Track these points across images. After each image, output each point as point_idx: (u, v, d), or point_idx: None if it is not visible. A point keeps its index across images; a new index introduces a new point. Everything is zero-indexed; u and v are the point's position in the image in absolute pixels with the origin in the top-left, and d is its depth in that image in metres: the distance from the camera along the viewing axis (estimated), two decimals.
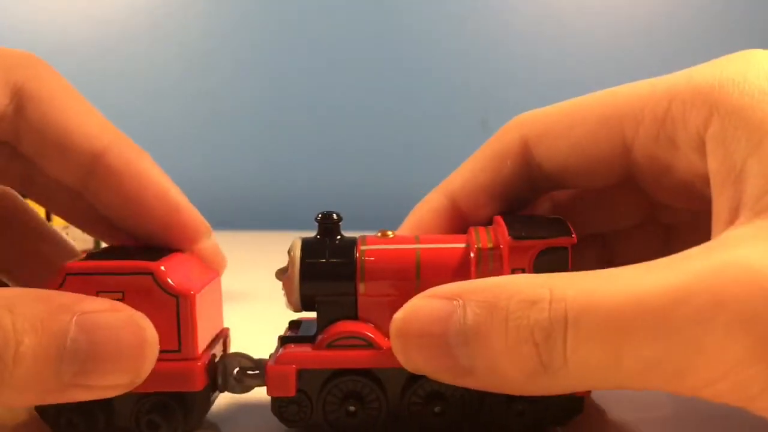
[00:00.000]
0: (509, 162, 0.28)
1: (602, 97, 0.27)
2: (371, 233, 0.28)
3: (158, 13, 0.93)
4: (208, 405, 0.27)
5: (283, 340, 0.27)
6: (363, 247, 0.27)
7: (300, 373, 0.26)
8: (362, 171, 0.92)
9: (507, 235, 0.25)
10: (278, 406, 0.26)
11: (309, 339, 0.26)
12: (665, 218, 0.30)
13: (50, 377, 0.21)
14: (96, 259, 0.26)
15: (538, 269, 0.25)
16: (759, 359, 0.19)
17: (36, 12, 0.92)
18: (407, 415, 0.26)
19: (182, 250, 0.28)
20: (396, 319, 0.23)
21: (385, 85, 0.92)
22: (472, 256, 0.26)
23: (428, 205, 0.30)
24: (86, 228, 0.30)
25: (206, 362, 0.26)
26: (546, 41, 0.92)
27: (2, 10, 0.92)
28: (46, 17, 0.92)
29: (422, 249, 0.27)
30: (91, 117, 0.27)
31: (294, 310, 0.27)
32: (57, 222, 0.47)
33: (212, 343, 0.27)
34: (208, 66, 0.94)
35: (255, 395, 0.27)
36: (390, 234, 0.27)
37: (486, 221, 0.29)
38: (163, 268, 0.25)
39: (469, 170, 0.29)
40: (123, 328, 0.23)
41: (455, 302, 0.22)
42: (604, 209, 0.31)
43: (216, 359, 0.27)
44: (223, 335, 0.29)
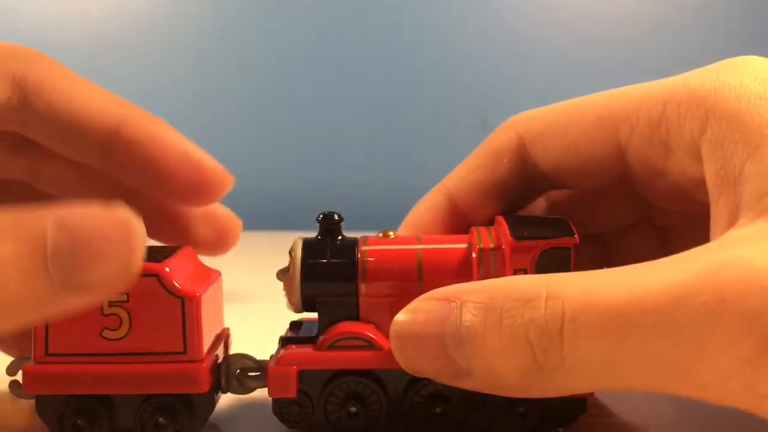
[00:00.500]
0: (506, 160, 0.28)
1: (598, 99, 0.27)
2: (371, 233, 0.28)
3: (158, 13, 0.93)
4: (213, 406, 0.27)
5: (284, 341, 0.27)
6: (364, 248, 0.27)
7: (301, 374, 0.26)
8: (362, 171, 0.92)
9: (509, 236, 0.25)
10: (279, 407, 0.26)
11: (310, 340, 0.26)
12: (659, 220, 0.30)
13: (39, 284, 0.20)
14: None
15: (541, 269, 0.25)
16: (767, 357, 0.19)
17: (36, 12, 0.92)
18: (409, 416, 0.26)
19: (182, 248, 0.27)
20: (395, 322, 0.23)
21: (385, 85, 0.92)
22: (474, 257, 0.26)
23: (426, 205, 0.30)
24: None
25: (211, 363, 0.26)
26: (546, 41, 0.92)
27: (2, 10, 0.92)
28: (46, 17, 0.92)
29: (424, 249, 0.26)
30: (99, 94, 0.27)
31: (295, 311, 0.27)
32: None
33: (215, 344, 0.27)
34: (207, 66, 0.93)
35: (256, 396, 0.27)
36: (391, 234, 0.27)
37: (485, 221, 0.29)
38: (168, 270, 0.25)
39: (466, 168, 0.29)
40: (105, 222, 0.20)
41: (453, 304, 0.22)
42: (600, 209, 0.31)
43: (219, 360, 0.27)
44: (224, 336, 0.29)
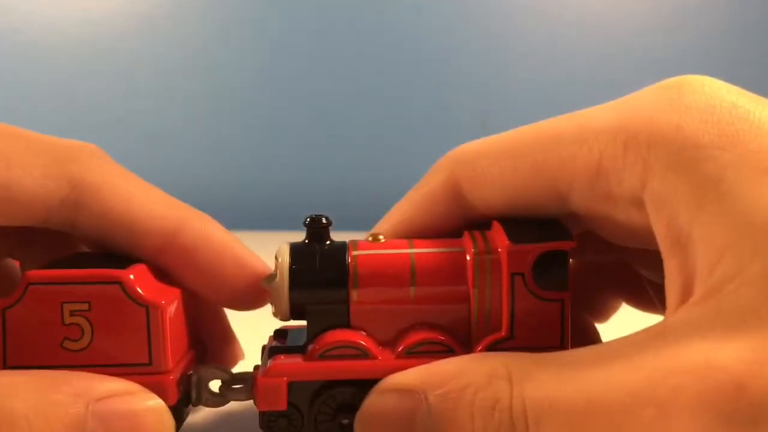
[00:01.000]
0: (441, 208, 0.27)
1: (532, 140, 0.25)
2: (369, 233, 0.27)
3: (157, 13, 0.92)
4: (182, 420, 0.26)
5: (272, 351, 0.25)
6: (354, 253, 0.25)
7: (290, 386, 0.25)
8: (361, 171, 0.92)
9: (506, 239, 0.24)
10: (267, 421, 0.25)
11: (299, 349, 0.25)
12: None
13: None
14: (59, 267, 0.24)
15: (537, 273, 0.24)
16: None
17: (36, 12, 0.91)
18: None
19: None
20: (360, 417, 0.23)
21: (385, 85, 0.92)
22: (469, 260, 0.25)
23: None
24: None
25: (179, 375, 0.25)
26: (546, 40, 0.91)
27: (2, 10, 0.91)
28: (46, 17, 0.92)
29: (416, 253, 0.25)
30: (155, 197, 0.27)
31: (281, 319, 0.26)
32: None
33: (184, 356, 0.26)
34: (206, 65, 0.93)
35: (239, 409, 0.26)
36: (381, 238, 0.26)
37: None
38: (132, 277, 0.24)
39: (400, 213, 0.28)
40: (140, 416, 0.22)
41: (416, 397, 0.22)
42: None
43: (189, 372, 0.26)
44: (196, 348, 0.28)
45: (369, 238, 0.26)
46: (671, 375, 0.19)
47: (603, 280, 0.31)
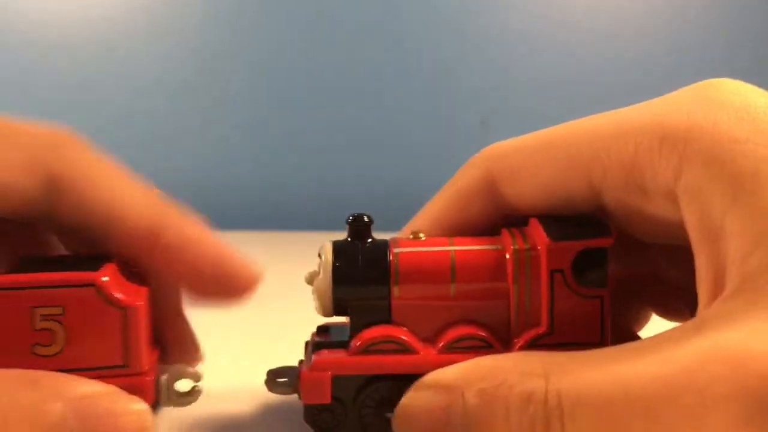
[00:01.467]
0: (477, 204, 0.28)
1: (568, 136, 0.26)
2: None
3: (158, 12, 0.92)
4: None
5: (316, 346, 0.26)
6: (396, 250, 0.26)
7: (334, 380, 0.25)
8: (361, 171, 0.92)
9: (545, 237, 0.25)
10: (312, 414, 0.25)
11: (342, 344, 0.26)
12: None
13: None
14: (28, 271, 0.24)
15: (577, 270, 0.25)
16: None
17: (36, 11, 0.91)
18: None
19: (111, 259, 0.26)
20: (398, 413, 0.24)
21: (385, 85, 0.92)
22: (508, 258, 0.25)
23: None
24: None
25: (154, 376, 0.25)
26: (546, 41, 0.91)
27: (2, 10, 0.91)
28: (46, 17, 0.91)
29: (457, 251, 0.26)
30: (135, 192, 0.26)
31: (324, 315, 0.27)
32: None
33: (153, 355, 0.26)
34: (207, 65, 0.93)
35: (286, 402, 0.27)
36: (422, 236, 0.27)
37: None
38: (106, 279, 0.24)
39: (437, 210, 0.28)
40: (121, 416, 0.22)
41: (454, 393, 0.22)
42: None
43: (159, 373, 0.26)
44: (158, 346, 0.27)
45: (410, 236, 0.27)
46: (709, 364, 0.19)
47: (632, 292, 0.31)
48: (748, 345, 0.19)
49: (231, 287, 0.27)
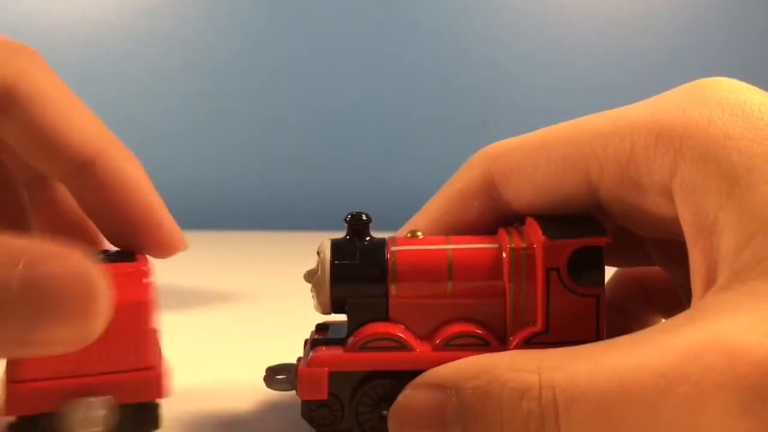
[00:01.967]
0: (476, 203, 0.28)
1: (565, 134, 0.26)
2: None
3: (157, 13, 0.92)
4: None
5: (314, 343, 0.26)
6: (393, 248, 0.26)
7: (331, 376, 0.25)
8: (361, 171, 0.92)
9: (541, 235, 0.25)
10: (309, 410, 0.26)
11: (340, 341, 0.26)
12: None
13: None
14: None
15: (573, 268, 0.25)
16: None
17: (36, 12, 0.91)
18: None
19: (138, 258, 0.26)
20: (393, 411, 0.24)
21: (385, 85, 0.92)
22: (505, 256, 0.26)
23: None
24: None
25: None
26: (546, 41, 0.92)
27: (2, 10, 0.91)
28: (46, 17, 0.92)
29: (454, 249, 0.26)
30: (81, 120, 0.26)
31: (322, 313, 0.27)
32: None
33: None
34: (206, 65, 0.93)
35: (283, 399, 0.27)
36: (419, 235, 0.27)
37: None
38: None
39: (435, 210, 0.29)
40: (70, 278, 0.21)
41: (448, 391, 0.22)
42: None
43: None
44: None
45: (407, 235, 0.27)
46: (703, 354, 0.19)
47: (638, 295, 0.32)
48: (742, 335, 0.19)
49: (152, 246, 0.26)
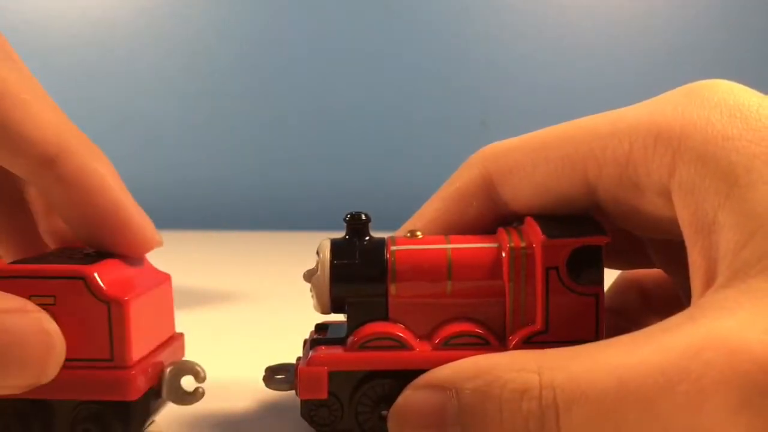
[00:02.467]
0: (475, 203, 0.28)
1: (563, 136, 0.26)
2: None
3: (158, 14, 0.92)
4: (148, 414, 0.26)
5: (314, 343, 0.26)
6: (393, 248, 0.26)
7: (331, 376, 0.25)
8: (361, 171, 0.92)
9: (541, 234, 0.25)
10: (308, 410, 0.26)
11: (339, 341, 0.26)
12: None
13: None
14: (29, 262, 0.25)
15: (572, 268, 0.25)
16: None
17: (36, 12, 0.91)
18: None
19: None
20: (392, 414, 0.24)
21: (385, 86, 0.92)
22: (504, 256, 0.26)
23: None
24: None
25: (144, 370, 0.25)
26: (546, 41, 0.92)
27: (2, 10, 0.91)
28: (46, 17, 0.92)
29: (453, 249, 0.26)
30: (45, 117, 0.25)
31: (322, 313, 0.27)
32: None
33: (157, 350, 0.26)
34: (206, 65, 0.93)
35: (283, 398, 0.27)
36: (419, 234, 0.27)
37: None
38: (96, 274, 0.24)
39: (434, 210, 0.28)
40: (29, 333, 0.22)
41: (448, 392, 0.22)
42: None
43: (164, 366, 0.26)
44: (174, 341, 0.28)
45: (407, 235, 0.27)
46: (703, 351, 0.19)
47: (638, 298, 0.32)
48: (743, 332, 0.19)
49: (122, 244, 0.26)
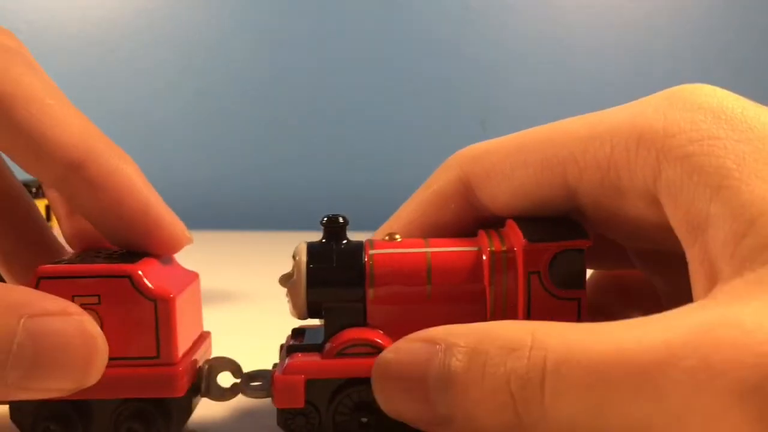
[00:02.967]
0: (452, 206, 0.27)
1: (543, 138, 0.25)
2: (370, 234, 0.27)
3: (158, 14, 0.92)
4: (190, 411, 0.26)
5: (290, 349, 0.26)
6: (371, 252, 0.26)
7: (307, 384, 0.25)
8: (361, 171, 0.92)
9: (522, 238, 0.24)
10: (285, 418, 0.25)
11: (316, 347, 0.25)
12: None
13: None
14: (72, 263, 0.25)
15: (554, 271, 0.24)
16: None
17: (36, 12, 0.91)
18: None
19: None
20: (377, 361, 0.23)
21: (385, 86, 0.92)
22: (485, 259, 0.25)
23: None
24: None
25: (187, 367, 0.25)
26: (546, 41, 0.91)
27: (2, 10, 0.91)
28: (46, 17, 0.91)
29: (433, 252, 0.26)
30: (70, 121, 0.25)
31: (299, 318, 0.26)
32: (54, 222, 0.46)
33: (193, 348, 0.26)
34: (206, 66, 0.93)
35: (259, 406, 0.26)
36: (397, 237, 0.26)
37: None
38: (141, 272, 0.24)
39: (412, 212, 0.28)
40: (72, 336, 0.22)
41: (437, 346, 0.21)
42: None
43: (199, 364, 0.26)
44: (204, 339, 0.28)
45: (386, 238, 0.26)
46: (717, 328, 0.18)
47: (620, 298, 0.31)
48: (758, 316, 0.18)
49: (153, 245, 0.26)
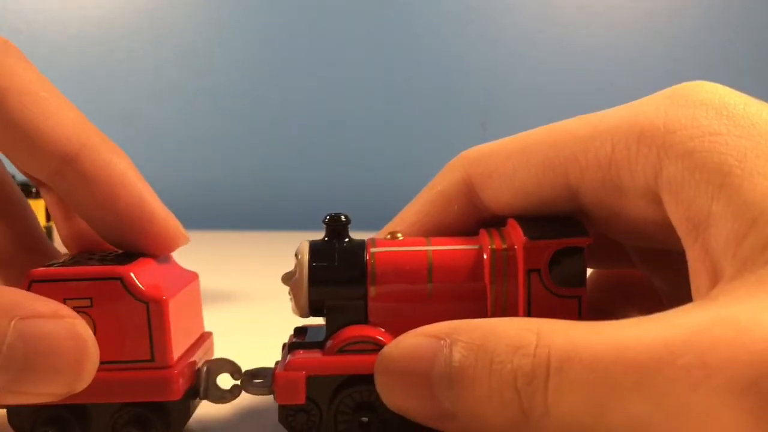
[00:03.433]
0: (456, 207, 0.27)
1: (543, 139, 0.25)
2: (371, 234, 0.27)
3: (158, 14, 0.92)
4: (189, 413, 0.26)
5: (291, 346, 0.26)
6: (373, 250, 0.26)
7: (309, 381, 0.25)
8: (361, 172, 0.92)
9: (522, 236, 0.25)
10: (286, 415, 0.25)
11: (318, 345, 0.26)
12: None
13: None
14: (63, 265, 0.25)
15: (554, 269, 0.24)
16: (760, 429, 0.18)
17: (36, 12, 0.91)
18: (424, 426, 0.25)
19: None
20: (381, 355, 0.23)
21: (385, 86, 0.92)
22: (486, 258, 0.25)
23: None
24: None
25: (183, 369, 0.25)
26: (546, 42, 0.91)
27: (2, 10, 0.91)
28: (46, 17, 0.92)
29: (434, 251, 0.26)
30: (64, 114, 0.25)
31: (301, 316, 0.26)
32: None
33: (192, 349, 0.26)
34: (208, 66, 0.93)
35: (261, 403, 0.27)
36: (399, 236, 0.27)
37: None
38: (133, 274, 0.24)
39: (415, 213, 0.28)
40: (63, 339, 0.22)
41: (442, 342, 0.21)
42: None
43: (198, 365, 0.26)
44: (204, 340, 0.28)
45: (387, 236, 0.26)
46: (714, 327, 0.18)
47: (620, 296, 0.31)
48: (757, 315, 0.18)
49: (147, 241, 0.26)
